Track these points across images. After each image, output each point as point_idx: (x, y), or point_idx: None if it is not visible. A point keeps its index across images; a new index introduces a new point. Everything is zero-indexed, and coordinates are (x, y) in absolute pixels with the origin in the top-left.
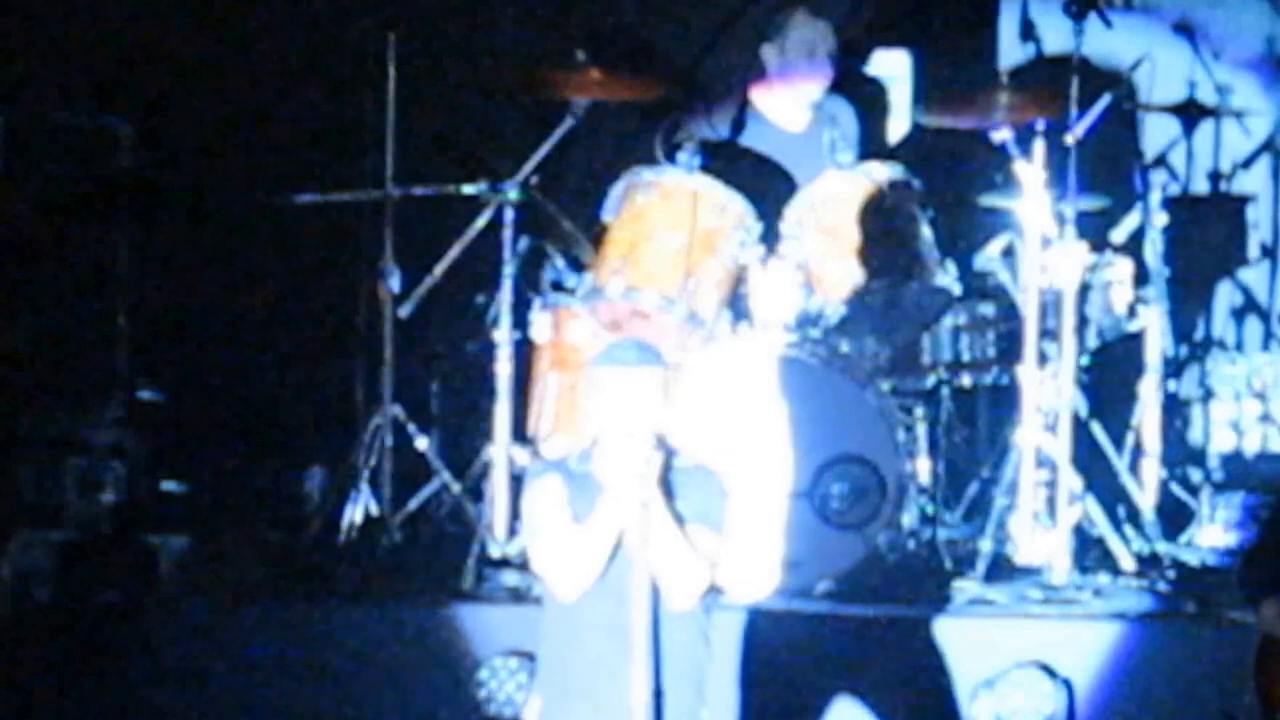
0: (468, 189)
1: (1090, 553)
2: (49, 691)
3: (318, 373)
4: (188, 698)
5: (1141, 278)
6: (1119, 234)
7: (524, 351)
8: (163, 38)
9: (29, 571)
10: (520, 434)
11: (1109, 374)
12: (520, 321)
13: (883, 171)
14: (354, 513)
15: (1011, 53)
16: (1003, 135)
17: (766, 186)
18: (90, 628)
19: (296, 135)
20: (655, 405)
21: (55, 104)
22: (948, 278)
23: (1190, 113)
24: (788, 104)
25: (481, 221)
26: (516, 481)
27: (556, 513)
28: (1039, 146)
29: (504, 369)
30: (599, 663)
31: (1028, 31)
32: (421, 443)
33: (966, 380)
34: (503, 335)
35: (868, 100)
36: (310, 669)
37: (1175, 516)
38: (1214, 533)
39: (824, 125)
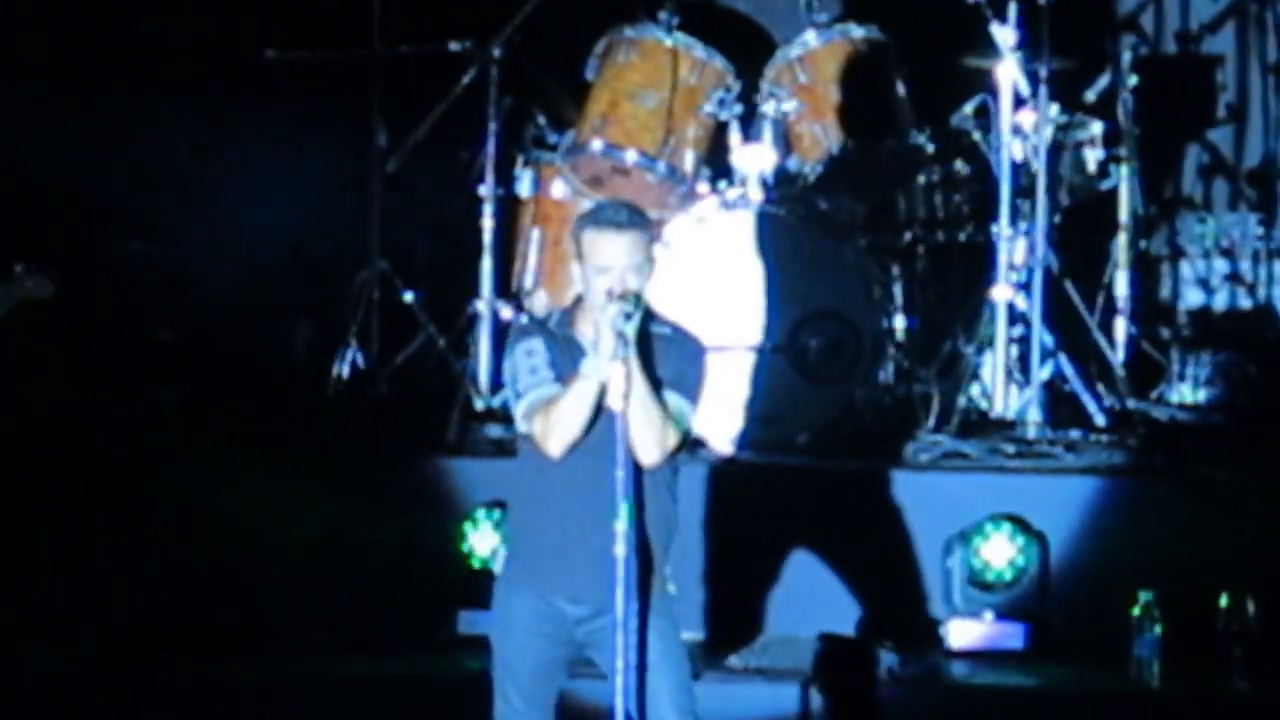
0: (453, 47)
1: (1062, 408)
2: (46, 538)
3: (306, 227)
4: (178, 544)
5: (1112, 138)
6: (1090, 95)
7: (507, 207)
8: None
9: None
10: (504, 288)
11: (1081, 232)
12: (504, 178)
13: (859, 32)
14: (341, 366)
15: None
16: None
17: (746, 45)
18: (86, 475)
19: None
20: (638, 267)
21: None
22: (922, 137)
23: None
24: None
25: (466, 79)
26: (501, 335)
27: (541, 372)
28: (1012, 7)
29: (488, 224)
30: (571, 520)
31: None
32: (407, 297)
33: (941, 238)
34: (487, 191)
35: None
36: (297, 519)
37: (1145, 373)
38: (1183, 389)
39: None
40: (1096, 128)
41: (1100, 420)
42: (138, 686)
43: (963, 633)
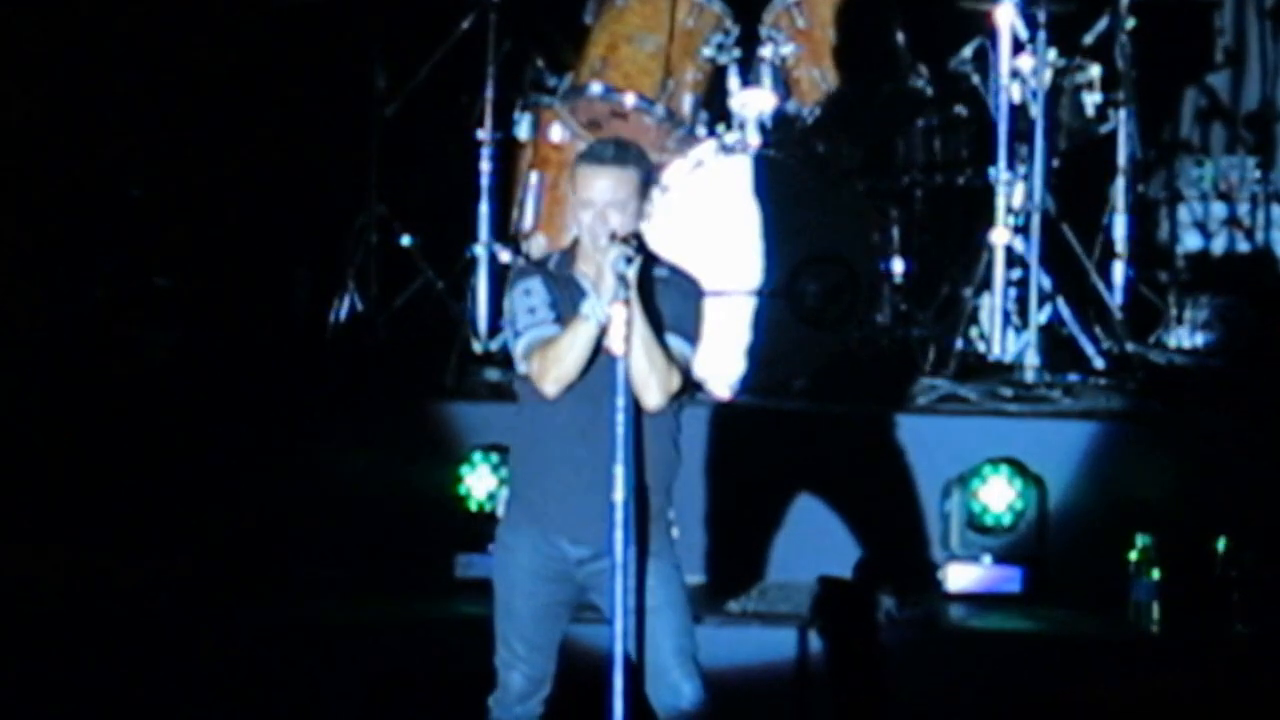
0: None
1: (1060, 352)
2: (38, 488)
3: (304, 171)
4: (173, 492)
5: (1110, 81)
6: (1089, 38)
7: (506, 150)
8: None
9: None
10: (502, 232)
11: (1079, 176)
12: (502, 121)
13: None
14: (339, 311)
15: None
16: None
17: None
18: (82, 423)
19: None
20: (621, 204)
21: None
22: (920, 80)
23: None
24: None
25: (465, 23)
26: (499, 279)
27: (540, 312)
28: None
29: (486, 168)
30: (572, 462)
31: None
32: (406, 241)
33: (939, 181)
34: (485, 135)
35: None
36: (294, 464)
37: (1143, 317)
38: (1181, 333)
39: None
40: (1094, 71)
41: (1098, 364)
42: (134, 632)
43: (961, 576)
